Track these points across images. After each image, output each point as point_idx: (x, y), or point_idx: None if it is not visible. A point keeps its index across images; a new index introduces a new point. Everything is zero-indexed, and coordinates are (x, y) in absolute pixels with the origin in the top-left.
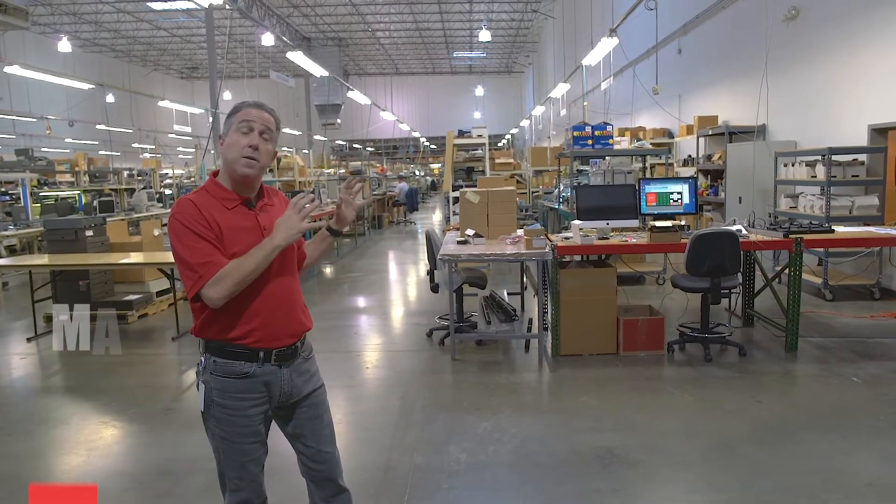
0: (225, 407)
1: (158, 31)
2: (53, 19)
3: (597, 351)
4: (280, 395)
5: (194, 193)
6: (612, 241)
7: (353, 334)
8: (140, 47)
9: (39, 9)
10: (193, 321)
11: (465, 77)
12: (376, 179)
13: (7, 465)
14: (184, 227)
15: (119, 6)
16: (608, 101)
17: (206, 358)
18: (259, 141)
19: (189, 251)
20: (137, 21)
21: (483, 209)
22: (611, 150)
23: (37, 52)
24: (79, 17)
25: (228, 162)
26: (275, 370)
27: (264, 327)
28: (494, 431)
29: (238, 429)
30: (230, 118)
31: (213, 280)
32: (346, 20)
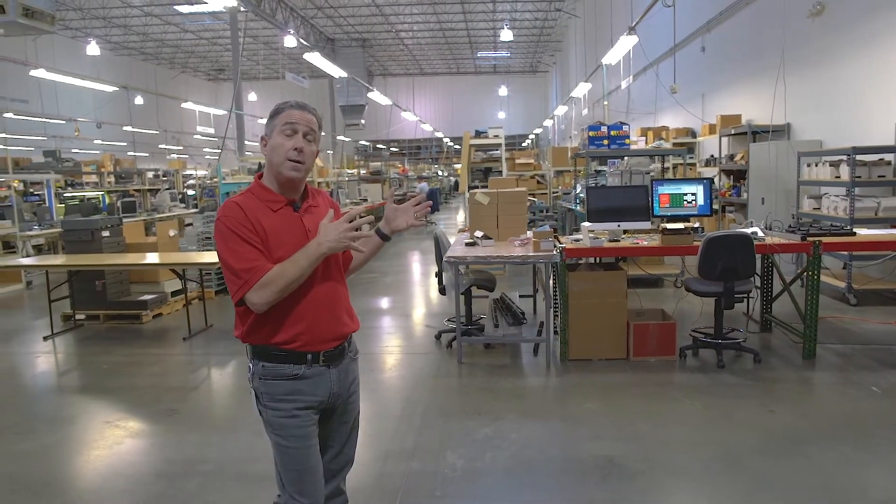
0: (277, 410)
1: (185, 33)
2: (84, 23)
3: (606, 356)
4: (329, 397)
5: (240, 196)
6: (622, 244)
7: (361, 336)
8: (168, 50)
9: (70, 13)
10: (237, 325)
11: (489, 77)
12: (397, 180)
13: (8, 465)
14: (229, 230)
15: (147, 9)
16: (630, 100)
17: (254, 364)
18: (303, 143)
19: (234, 256)
20: (165, 24)
21: (493, 210)
22: (627, 151)
23: (67, 55)
24: (109, 21)
25: (274, 165)
26: (323, 370)
27: (309, 331)
28: (494, 437)
29: (291, 431)
30: (273, 119)
31: (258, 286)
32: (369, 21)
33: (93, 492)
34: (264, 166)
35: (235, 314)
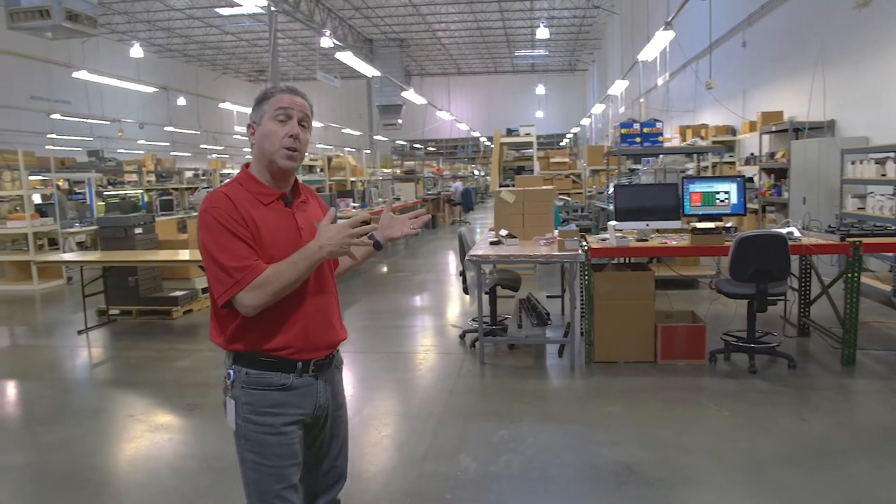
0: (258, 424)
1: (226, 35)
2: (130, 27)
3: (633, 358)
4: (316, 409)
5: (227, 186)
6: (650, 244)
7: (386, 335)
8: (209, 52)
9: (117, 17)
10: (217, 329)
11: (526, 76)
12: (431, 179)
13: (32, 455)
14: (217, 223)
15: (189, 12)
16: (669, 98)
17: (235, 370)
18: (298, 129)
19: (224, 252)
20: (206, 26)
21: (519, 209)
22: (660, 149)
23: (113, 58)
24: (153, 24)
25: (266, 154)
26: (312, 381)
27: (303, 337)
28: (510, 441)
29: (273, 449)
30: (261, 105)
31: (251, 286)
32: (406, 21)
33: (109, 484)
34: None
35: (214, 315)
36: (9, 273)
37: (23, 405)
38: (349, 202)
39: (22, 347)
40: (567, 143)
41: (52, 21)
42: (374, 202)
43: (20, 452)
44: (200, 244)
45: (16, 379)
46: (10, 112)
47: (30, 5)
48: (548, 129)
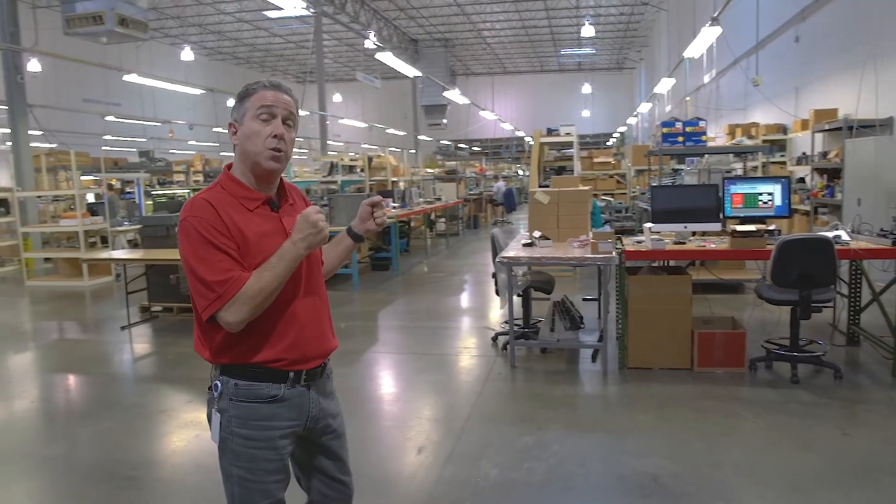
0: (247, 438)
1: (274, 38)
2: (182, 30)
3: (668, 365)
4: (308, 420)
5: (208, 191)
6: (687, 247)
7: (420, 335)
8: (258, 54)
9: (170, 22)
10: (202, 342)
11: (572, 75)
12: (474, 179)
13: (64, 447)
14: (199, 234)
15: (238, 16)
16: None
17: (223, 382)
18: (283, 129)
19: (205, 266)
20: (255, 29)
21: (553, 210)
22: (703, 148)
23: (166, 61)
24: (204, 27)
25: (249, 155)
26: (304, 392)
27: (294, 348)
28: (534, 447)
29: (261, 464)
30: (243, 103)
31: (233, 301)
32: (451, 21)
33: (133, 479)
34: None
35: (198, 327)
36: (62, 269)
37: (64, 397)
38: (389, 202)
39: (68, 341)
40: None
41: (105, 26)
42: (414, 202)
43: (56, 443)
44: (181, 254)
45: (60, 372)
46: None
47: (85, 11)
48: (594, 129)
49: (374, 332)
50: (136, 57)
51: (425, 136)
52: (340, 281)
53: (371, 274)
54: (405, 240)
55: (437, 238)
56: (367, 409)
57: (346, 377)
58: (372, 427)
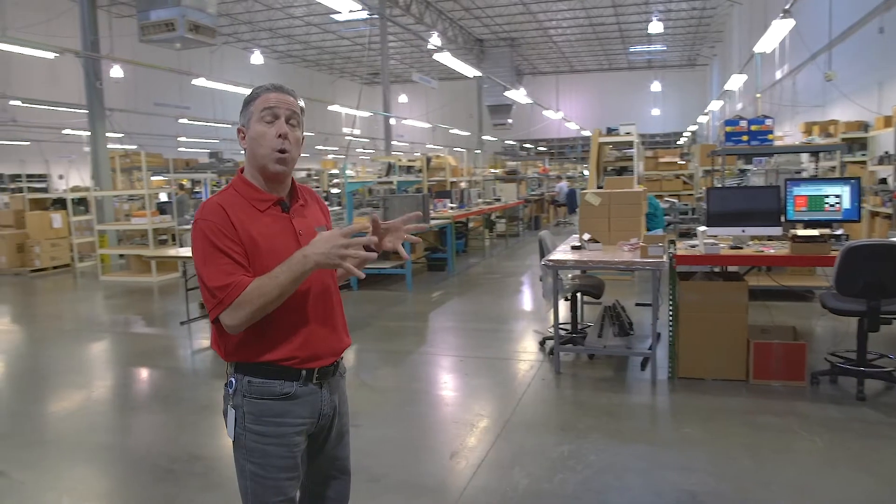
0: (260, 434)
1: (341, 40)
2: (253, 35)
3: (721, 376)
4: (320, 418)
5: (221, 193)
6: (743, 251)
7: (467, 337)
8: (326, 56)
9: (242, 27)
10: (216, 340)
11: (642, 73)
12: (536, 179)
13: (114, 437)
14: (206, 238)
15: (307, 19)
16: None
17: (237, 379)
18: (287, 129)
19: (209, 270)
20: (323, 32)
21: (604, 212)
22: (769, 147)
23: (236, 64)
24: (274, 31)
25: (257, 158)
26: (315, 390)
27: (306, 346)
28: (570, 457)
29: (273, 460)
30: (248, 107)
31: (233, 306)
32: (517, 20)
33: (171, 472)
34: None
35: (213, 327)
36: (133, 266)
37: (123, 389)
38: (446, 203)
39: (133, 335)
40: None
41: (177, 33)
42: (472, 203)
43: (109, 432)
44: (193, 255)
45: (123, 364)
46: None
47: (158, 19)
48: (664, 128)
49: (422, 333)
50: (209, 62)
51: (489, 136)
52: (394, 281)
53: (427, 274)
54: (463, 240)
55: (496, 239)
56: (405, 411)
57: (389, 377)
58: (407, 428)
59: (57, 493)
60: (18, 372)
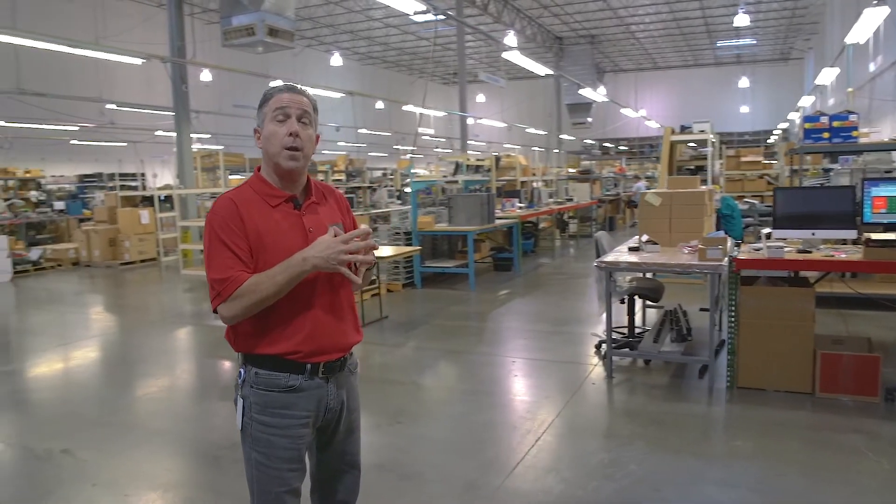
0: (265, 425)
1: (420, 41)
2: (335, 38)
3: (785, 387)
4: (326, 412)
5: (236, 189)
6: (812, 256)
7: (524, 338)
8: (406, 57)
9: (324, 30)
10: (229, 330)
11: (730, 68)
12: (612, 179)
13: (172, 424)
14: (214, 231)
15: (386, 21)
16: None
17: (245, 370)
18: (298, 127)
19: (212, 264)
20: (402, 33)
21: (665, 212)
22: (852, 145)
23: (318, 67)
24: (355, 34)
25: (270, 156)
26: (321, 384)
27: (310, 341)
28: (610, 465)
29: (277, 451)
30: (262, 108)
31: (230, 298)
32: (597, 16)
33: (216, 459)
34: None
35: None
36: None
37: (186, 377)
38: (514, 202)
39: (208, 327)
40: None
41: (256, 37)
42: (542, 203)
43: (167, 420)
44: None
45: (190, 354)
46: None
47: (239, 24)
48: (753, 126)
49: (478, 333)
50: (292, 64)
51: (567, 135)
52: (458, 280)
53: (492, 274)
54: (532, 240)
55: (567, 239)
56: (449, 410)
57: (438, 376)
58: (449, 428)
59: (112, 473)
60: (104, 357)
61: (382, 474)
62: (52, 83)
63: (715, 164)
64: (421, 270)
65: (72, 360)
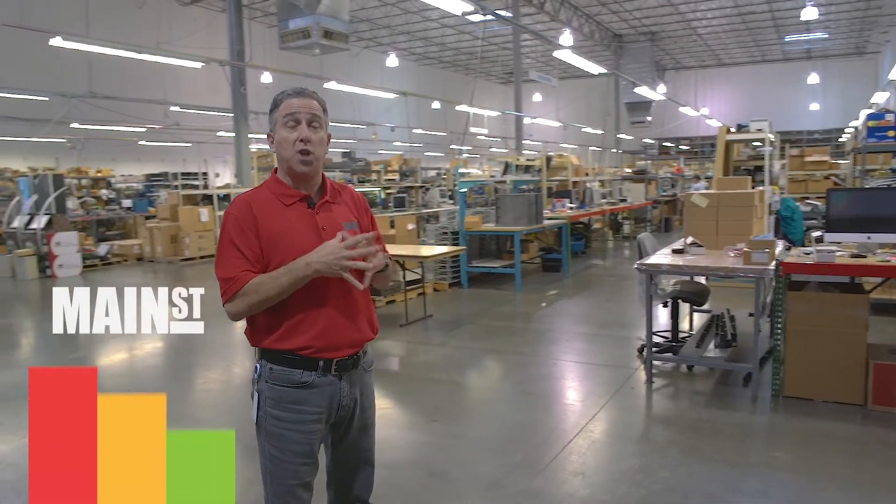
0: (279, 419)
1: (476, 40)
2: (392, 39)
3: (835, 398)
4: (339, 409)
5: (253, 190)
6: (867, 261)
7: (563, 340)
8: (463, 57)
9: (381, 31)
10: (248, 325)
11: (798, 64)
12: (668, 180)
13: (228, 418)
14: (226, 231)
15: (442, 21)
16: None
17: (261, 365)
18: (309, 132)
19: (221, 262)
20: (458, 33)
21: (712, 214)
22: None
23: (375, 68)
24: (412, 35)
25: (284, 160)
26: (334, 381)
27: (322, 337)
28: (639, 472)
29: (290, 445)
30: (273, 113)
31: (235, 296)
32: (657, 13)
33: None
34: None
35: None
36: None
37: (240, 372)
38: (565, 203)
39: None
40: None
41: (312, 39)
42: (594, 203)
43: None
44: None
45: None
46: None
47: (295, 27)
48: (824, 124)
49: (521, 334)
50: (349, 66)
51: (625, 134)
52: (505, 281)
53: (540, 275)
54: (582, 241)
55: (621, 241)
56: (484, 410)
57: (476, 376)
58: (482, 427)
59: None
60: (165, 350)
61: (412, 471)
62: (121, 87)
63: (775, 164)
64: (468, 270)
65: (134, 350)
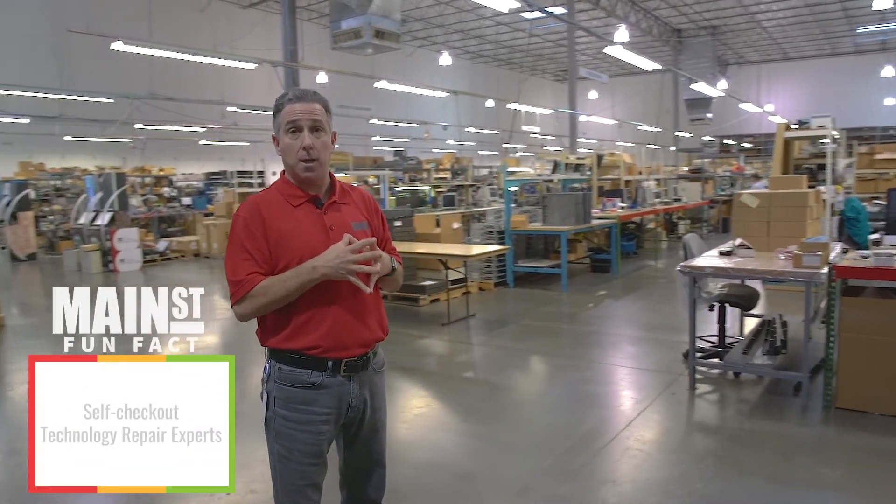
0: (287, 420)
1: (531, 38)
2: (446, 37)
3: (893, 411)
4: (349, 411)
5: (264, 192)
6: None
7: (605, 343)
8: (517, 55)
9: (435, 30)
10: (258, 325)
11: (872, 56)
12: (727, 178)
13: None
14: (236, 233)
15: (497, 19)
16: None
17: (270, 365)
18: (311, 140)
19: (229, 262)
20: (513, 31)
21: (763, 214)
22: None
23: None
24: (466, 33)
25: (289, 166)
26: (343, 382)
27: (330, 337)
28: (673, 482)
29: (299, 445)
30: (276, 119)
31: (243, 298)
32: (718, 6)
33: None
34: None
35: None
36: None
37: None
38: (616, 202)
39: None
40: None
41: (363, 39)
42: (646, 203)
43: None
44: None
45: None
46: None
47: (347, 28)
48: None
49: (562, 335)
50: (402, 65)
51: (684, 132)
52: (551, 281)
53: (588, 275)
54: (634, 242)
55: (675, 241)
56: (517, 412)
57: (512, 377)
58: (510, 430)
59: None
60: (215, 345)
61: (437, 471)
62: (181, 88)
63: (839, 162)
64: (513, 269)
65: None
